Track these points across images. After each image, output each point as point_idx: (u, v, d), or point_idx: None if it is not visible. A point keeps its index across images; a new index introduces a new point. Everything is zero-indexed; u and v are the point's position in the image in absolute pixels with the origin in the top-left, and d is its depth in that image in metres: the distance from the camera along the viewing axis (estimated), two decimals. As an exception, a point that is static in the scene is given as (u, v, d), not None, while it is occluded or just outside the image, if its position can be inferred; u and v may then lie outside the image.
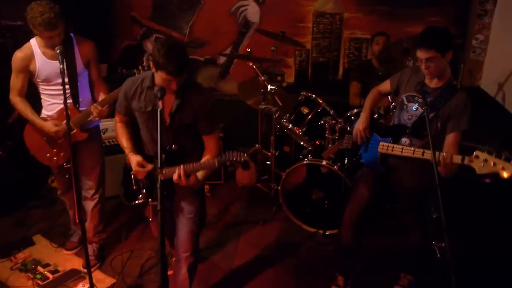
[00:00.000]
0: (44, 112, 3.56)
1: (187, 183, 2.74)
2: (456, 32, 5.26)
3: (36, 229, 4.34)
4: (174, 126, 2.88)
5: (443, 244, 3.70)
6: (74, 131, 3.50)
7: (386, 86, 3.35)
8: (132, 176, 3.09)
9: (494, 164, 2.50)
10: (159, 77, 2.64)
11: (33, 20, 3.12)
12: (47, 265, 3.79)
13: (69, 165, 3.31)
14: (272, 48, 4.57)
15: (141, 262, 3.88)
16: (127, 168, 3.14)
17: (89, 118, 3.50)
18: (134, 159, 2.96)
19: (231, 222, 4.54)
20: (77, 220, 3.21)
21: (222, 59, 5.97)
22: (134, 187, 3.12)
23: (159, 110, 2.53)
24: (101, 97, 3.55)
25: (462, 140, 2.91)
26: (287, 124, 4.50)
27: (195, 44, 5.85)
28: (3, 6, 4.63)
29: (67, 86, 3.33)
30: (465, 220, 3.78)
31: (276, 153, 4.90)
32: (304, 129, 4.44)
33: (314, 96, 4.49)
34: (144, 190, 3.05)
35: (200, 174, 2.85)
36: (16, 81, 3.41)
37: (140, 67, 3.39)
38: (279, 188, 4.46)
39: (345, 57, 5.72)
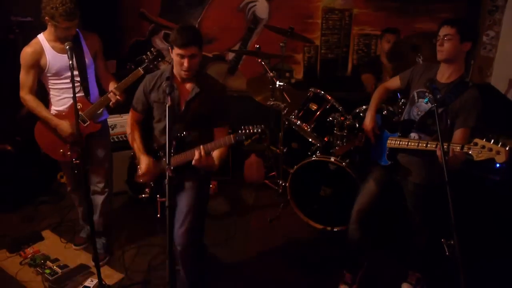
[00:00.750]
0: (54, 108, 3.56)
1: (207, 162, 2.87)
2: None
3: (45, 224, 4.36)
4: (189, 115, 3.01)
5: (452, 242, 3.68)
6: (88, 122, 3.53)
7: (395, 82, 3.33)
8: (138, 169, 3.16)
9: (490, 149, 2.53)
10: (174, 55, 2.88)
11: (53, 11, 3.15)
12: (56, 260, 3.81)
13: (78, 161, 3.34)
14: (281, 44, 4.57)
15: (149, 258, 3.89)
16: (134, 161, 3.20)
17: (100, 110, 3.55)
18: (144, 163, 3.07)
19: (238, 218, 4.53)
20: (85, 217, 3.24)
21: (230, 55, 5.97)
22: (141, 180, 3.17)
23: (167, 105, 2.55)
24: (112, 85, 3.53)
25: (472, 136, 2.90)
26: (295, 120, 4.49)
27: (203, 40, 5.83)
28: (13, 2, 4.65)
29: (77, 79, 3.42)
30: (474, 218, 3.76)
31: (285, 150, 4.89)
32: (312, 126, 4.42)
33: (322, 92, 4.47)
34: (151, 184, 3.12)
35: (215, 157, 2.98)
36: (26, 78, 3.40)
37: (148, 52, 3.41)
38: (287, 184, 4.45)
39: (354, 54, 5.69)
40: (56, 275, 3.61)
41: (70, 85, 3.01)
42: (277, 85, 4.53)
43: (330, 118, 4.31)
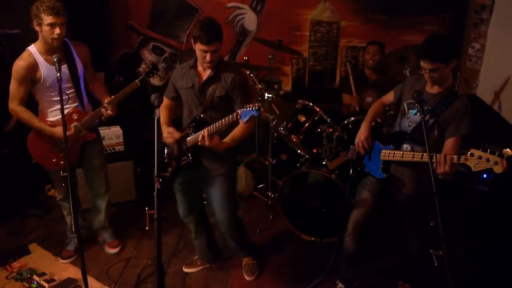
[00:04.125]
0: (47, 119, 3.58)
1: (210, 144, 3.02)
2: (452, 41, 5.30)
3: (32, 237, 4.32)
4: (205, 98, 3.20)
5: (440, 252, 3.71)
6: (83, 132, 3.65)
7: (389, 97, 3.37)
8: (165, 151, 3.41)
9: (488, 160, 2.58)
10: (197, 49, 3.08)
11: (38, 7, 3.22)
12: (43, 274, 3.77)
13: (65, 174, 3.33)
14: (269, 56, 4.59)
15: (138, 271, 3.86)
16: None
17: (97, 120, 3.68)
18: (166, 129, 3.30)
19: (228, 230, 4.52)
20: (74, 229, 3.22)
21: (219, 67, 5.97)
22: (166, 160, 3.39)
23: (156, 118, 2.56)
24: (106, 99, 3.67)
25: (463, 145, 2.93)
26: (284, 132, 4.50)
27: (192, 52, 5.84)
28: (0, 15, 4.63)
29: (72, 90, 3.58)
30: (463, 229, 3.78)
31: (273, 161, 4.90)
32: (301, 137, 4.43)
33: (311, 104, 4.49)
34: (173, 162, 3.33)
35: (228, 136, 3.16)
36: (18, 90, 3.41)
37: (143, 65, 3.68)
38: (276, 196, 4.45)
39: (342, 66, 5.73)
40: (43, 289, 3.58)
41: (65, 96, 3.42)
42: (265, 97, 4.55)
43: (319, 130, 4.33)
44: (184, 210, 3.59)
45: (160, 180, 2.54)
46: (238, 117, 2.85)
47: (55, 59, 2.98)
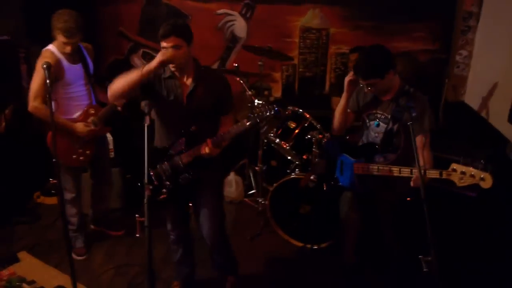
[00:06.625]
0: (64, 117, 3.73)
1: (215, 152, 2.93)
2: (440, 47, 5.35)
3: (21, 245, 4.28)
4: (192, 109, 3.02)
5: (429, 258, 3.72)
6: (100, 126, 3.87)
7: (351, 116, 3.39)
8: (152, 173, 3.05)
9: (472, 175, 2.51)
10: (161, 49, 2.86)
11: (55, 22, 3.46)
12: (32, 282, 3.74)
13: (55, 181, 3.32)
14: (259, 63, 4.61)
15: (129, 278, 3.85)
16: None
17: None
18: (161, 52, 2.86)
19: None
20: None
21: (209, 74, 5.97)
22: (155, 183, 3.06)
23: (146, 125, 2.56)
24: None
25: (445, 153, 2.94)
26: (274, 138, 4.51)
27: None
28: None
29: (88, 87, 3.84)
30: (451, 234, 3.80)
31: (264, 168, 4.91)
32: (291, 144, 4.45)
33: (301, 110, 4.51)
34: (167, 182, 3.07)
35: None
36: (43, 88, 3.47)
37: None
38: (266, 202, 4.46)
39: (331, 72, 5.77)
40: (32, 298, 3.55)
41: (81, 93, 3.76)
42: (255, 103, 4.56)
43: (309, 136, 4.34)
44: (173, 223, 3.43)
45: (151, 187, 2.54)
46: (248, 126, 2.86)
47: (45, 66, 2.98)
